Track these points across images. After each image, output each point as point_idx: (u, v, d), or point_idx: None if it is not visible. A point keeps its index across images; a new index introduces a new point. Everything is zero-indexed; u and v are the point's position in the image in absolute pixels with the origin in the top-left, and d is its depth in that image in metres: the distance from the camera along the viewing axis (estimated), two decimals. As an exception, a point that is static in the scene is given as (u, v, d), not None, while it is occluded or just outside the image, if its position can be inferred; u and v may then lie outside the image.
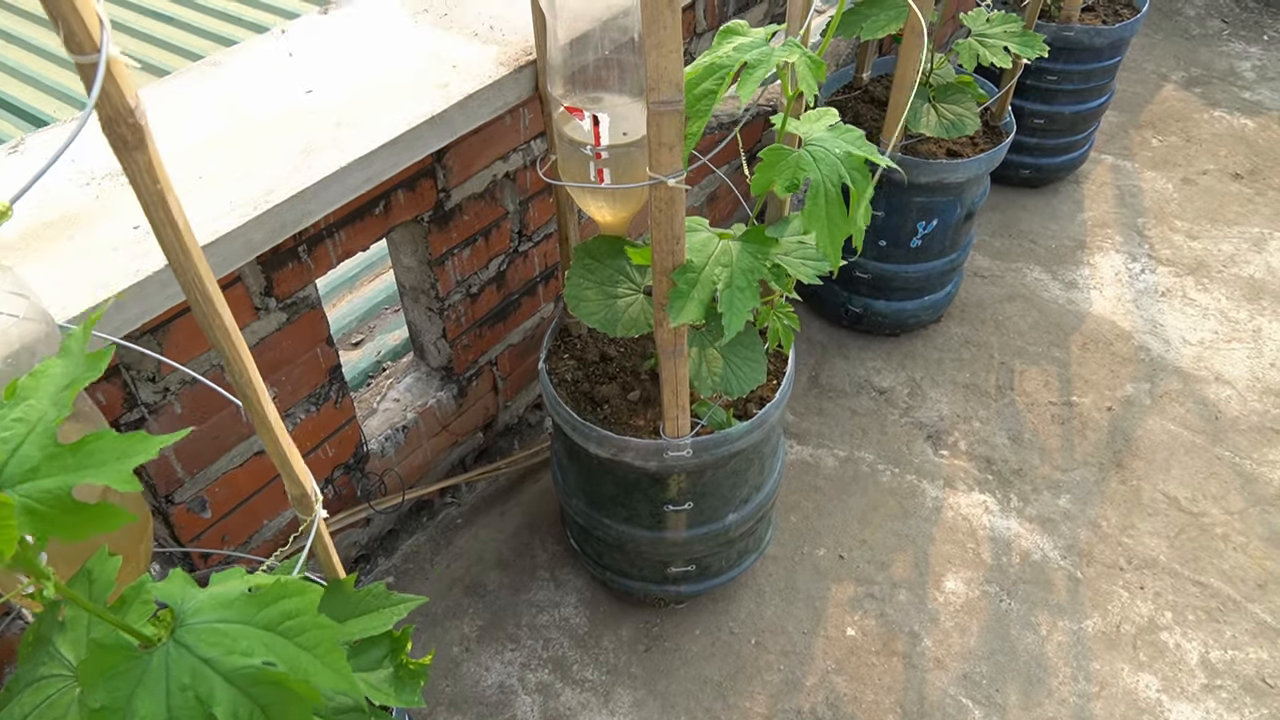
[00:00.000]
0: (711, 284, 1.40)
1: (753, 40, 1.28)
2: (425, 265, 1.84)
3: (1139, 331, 2.75)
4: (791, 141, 1.44)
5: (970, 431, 2.46)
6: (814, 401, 2.53)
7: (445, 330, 1.95)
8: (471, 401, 2.12)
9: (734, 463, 1.73)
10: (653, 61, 1.16)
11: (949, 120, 2.23)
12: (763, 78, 1.22)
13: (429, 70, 1.50)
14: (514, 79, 1.51)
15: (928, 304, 2.59)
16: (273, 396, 1.61)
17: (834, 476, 2.35)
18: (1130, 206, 3.19)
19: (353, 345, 2.32)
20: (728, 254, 1.44)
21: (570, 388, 1.82)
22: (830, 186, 1.38)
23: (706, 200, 2.62)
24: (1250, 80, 3.79)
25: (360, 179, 1.34)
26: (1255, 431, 2.48)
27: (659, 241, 1.35)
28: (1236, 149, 3.45)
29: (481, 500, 2.28)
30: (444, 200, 1.77)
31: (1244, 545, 2.22)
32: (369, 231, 1.65)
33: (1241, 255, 3.01)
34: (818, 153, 1.38)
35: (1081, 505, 2.30)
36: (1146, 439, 2.46)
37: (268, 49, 1.54)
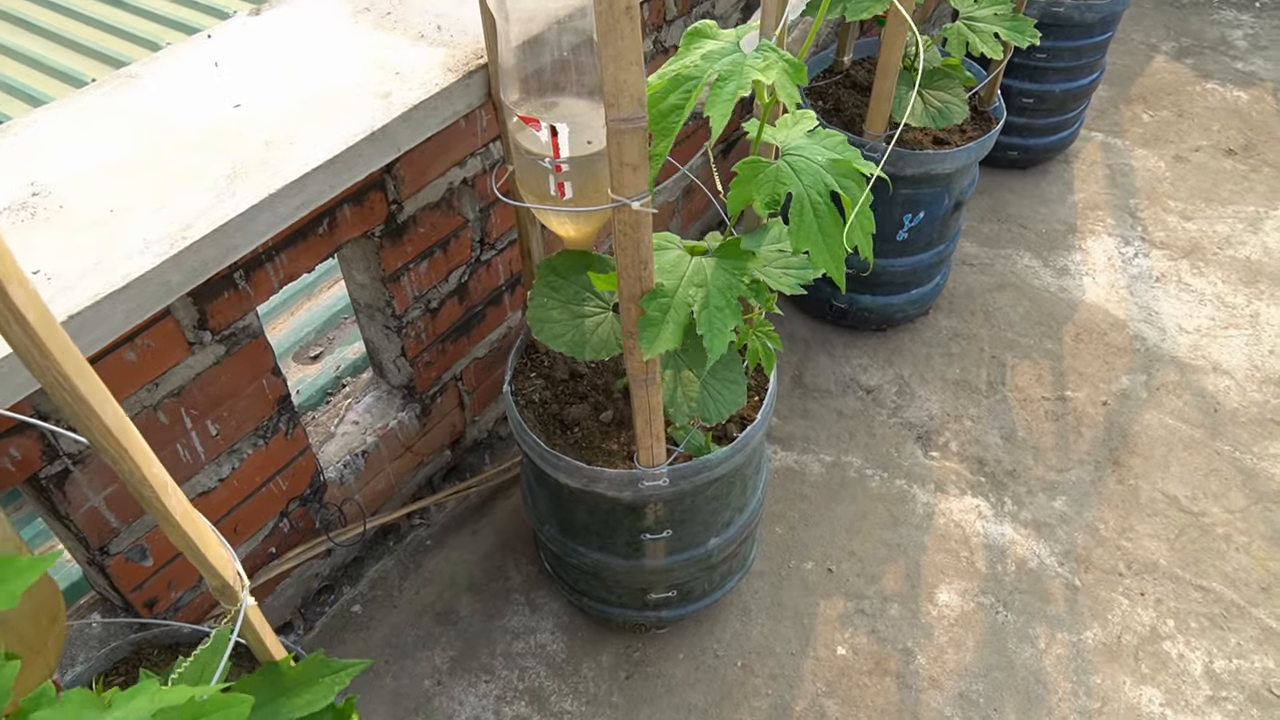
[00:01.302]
0: (687, 307, 1.28)
1: (723, 45, 1.16)
2: (379, 282, 1.71)
3: (1134, 320, 2.65)
4: (768, 152, 1.32)
5: (961, 431, 2.37)
6: (798, 403, 2.42)
7: (404, 349, 1.83)
8: (436, 420, 2.00)
9: (714, 488, 1.63)
10: (610, 75, 1.03)
11: (936, 108, 2.11)
12: (736, 95, 1.10)
13: (370, 78, 1.37)
14: (464, 86, 1.38)
15: (915, 297, 2.48)
16: (214, 434, 1.49)
17: (821, 484, 2.25)
18: (1122, 187, 3.08)
19: (310, 359, 2.19)
20: (701, 273, 1.32)
21: (538, 409, 1.71)
22: (817, 198, 1.26)
23: (682, 194, 2.49)
24: (1243, 50, 3.68)
25: (293, 205, 1.21)
26: (1255, 424, 2.39)
27: (625, 267, 1.23)
28: (1229, 123, 3.34)
29: (452, 520, 2.16)
30: (396, 213, 1.64)
31: (1246, 546, 2.14)
32: (313, 252, 1.52)
33: (1237, 236, 2.91)
34: (798, 163, 1.26)
35: (1078, 507, 2.21)
36: (1144, 435, 2.36)
37: (192, 57, 1.40)
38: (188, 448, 1.48)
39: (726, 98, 1.10)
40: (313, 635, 1.95)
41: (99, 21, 3.24)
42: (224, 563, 0.88)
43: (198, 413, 1.47)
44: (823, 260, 1.26)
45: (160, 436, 1.43)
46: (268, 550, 1.74)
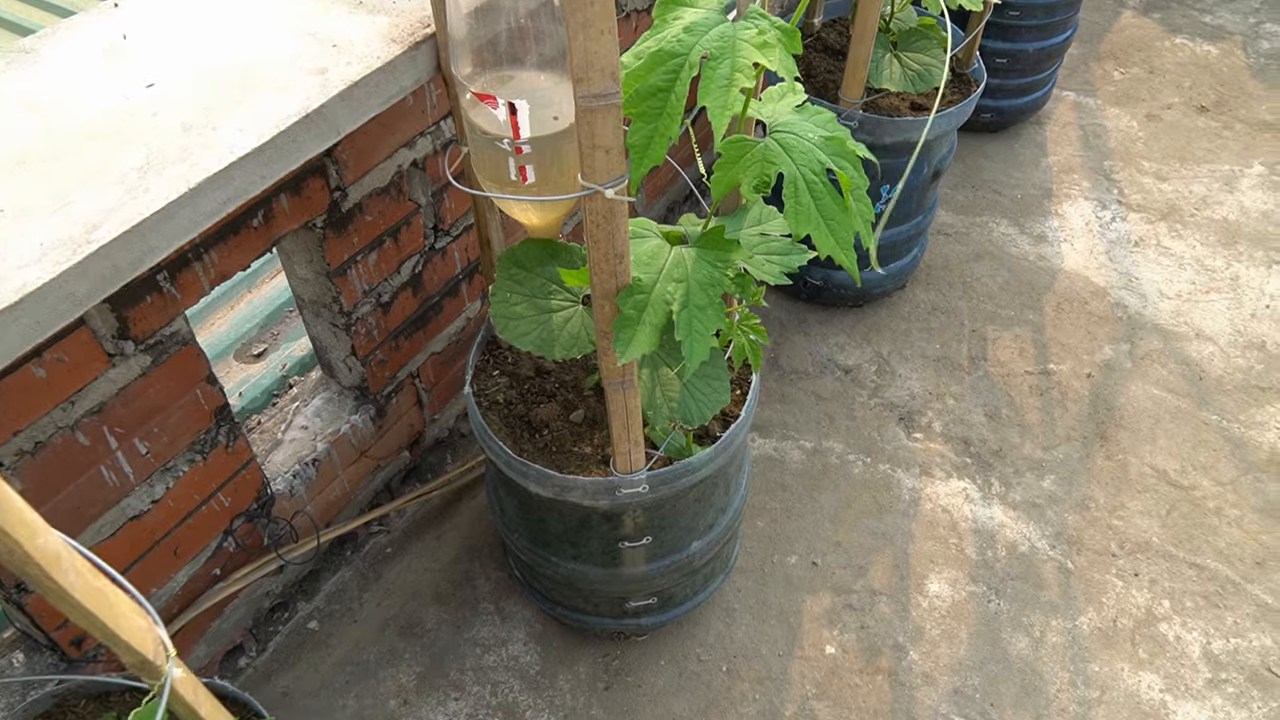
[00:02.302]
0: (665, 304, 1.16)
1: (705, 15, 1.02)
2: (323, 277, 1.56)
3: (1114, 287, 2.57)
4: (751, 129, 1.19)
5: (944, 410, 2.27)
6: (775, 387, 2.31)
7: (354, 347, 1.68)
8: (393, 421, 1.86)
9: (697, 491, 1.51)
10: (579, 45, 0.89)
11: (914, 72, 1.99)
12: (734, 81, 0.96)
13: (304, 51, 1.21)
14: (409, 59, 1.23)
15: (893, 272, 2.38)
16: (144, 452, 1.34)
17: (802, 472, 2.14)
18: (1095, 148, 3.00)
19: (254, 357, 2.03)
20: (681, 265, 1.19)
21: (503, 411, 1.57)
22: (813, 177, 1.13)
23: (647, 168, 2.35)
24: (1210, 3, 3.60)
25: (218, 200, 1.06)
26: (1241, 391, 2.33)
27: (597, 261, 1.10)
28: (1200, 79, 3.26)
29: (413, 525, 2.03)
30: (340, 200, 1.49)
31: (1239, 519, 2.08)
32: (247, 248, 1.37)
33: (1214, 196, 2.84)
34: (788, 141, 1.13)
35: (1067, 486, 2.14)
36: (1130, 407, 2.29)
37: (96, 29, 1.23)
38: (113, 469, 1.33)
39: (722, 83, 0.97)
40: (266, 657, 1.81)
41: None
42: (141, 635, 0.74)
43: (123, 430, 1.31)
44: (828, 245, 1.14)
45: (80, 460, 1.27)
46: (211, 572, 1.59)
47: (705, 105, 0.97)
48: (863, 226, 1.19)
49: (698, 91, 0.98)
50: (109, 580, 0.73)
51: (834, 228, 1.13)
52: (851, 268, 1.15)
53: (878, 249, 2.23)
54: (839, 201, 1.13)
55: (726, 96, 0.96)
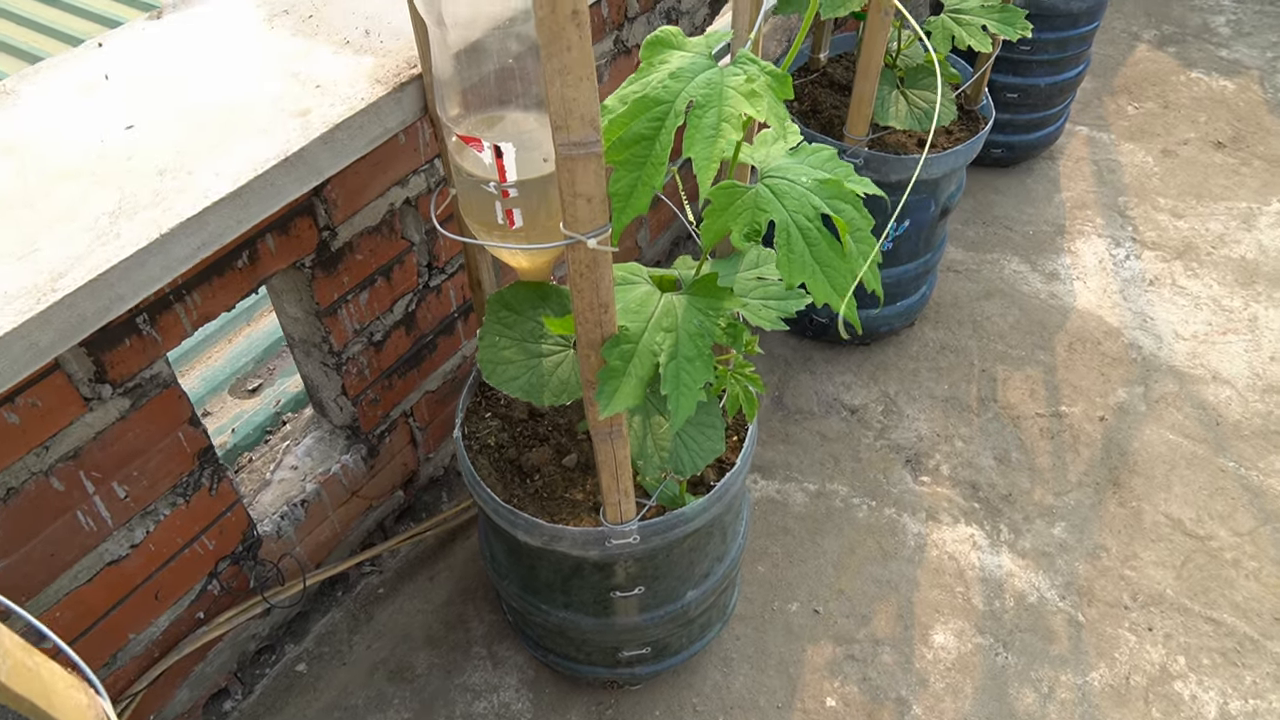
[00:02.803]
0: (652, 355, 1.12)
1: (693, 59, 0.98)
2: (313, 316, 1.53)
3: (1128, 327, 2.51)
4: (744, 174, 1.15)
5: (952, 453, 2.22)
6: (779, 427, 2.26)
7: (345, 387, 1.65)
8: (385, 460, 1.82)
9: (691, 540, 1.46)
10: (556, 92, 0.86)
11: (921, 110, 1.95)
12: (721, 132, 0.93)
13: (286, 93, 1.19)
14: (394, 100, 1.20)
15: (901, 310, 2.33)
16: (123, 496, 1.31)
17: (805, 515, 2.09)
18: (1110, 184, 2.95)
19: (249, 392, 2.00)
20: (671, 314, 1.15)
21: (494, 455, 1.54)
22: (806, 223, 1.09)
23: (650, 203, 2.32)
24: (1226, 36, 3.56)
25: (191, 246, 1.03)
26: (1259, 437, 2.26)
27: (582, 311, 1.06)
28: (1217, 114, 3.21)
29: (407, 565, 1.99)
30: (329, 240, 1.46)
31: (1257, 572, 2.01)
32: (232, 289, 1.34)
33: (1231, 234, 2.78)
34: (779, 186, 1.10)
35: (1078, 534, 2.07)
36: (1144, 452, 2.23)
37: (79, 69, 1.21)
38: (90, 514, 1.30)
39: (708, 133, 0.93)
40: (252, 700, 1.77)
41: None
42: (79, 713, 0.70)
43: (100, 475, 1.28)
44: (824, 293, 1.10)
45: (55, 505, 1.24)
46: (195, 616, 1.56)
47: (690, 156, 0.93)
48: (868, 270, 1.14)
49: (683, 141, 0.95)
50: (46, 653, 0.69)
51: (830, 274, 1.09)
52: (851, 315, 1.11)
53: (885, 286, 2.19)
54: (835, 247, 1.09)
55: (712, 148, 0.93)
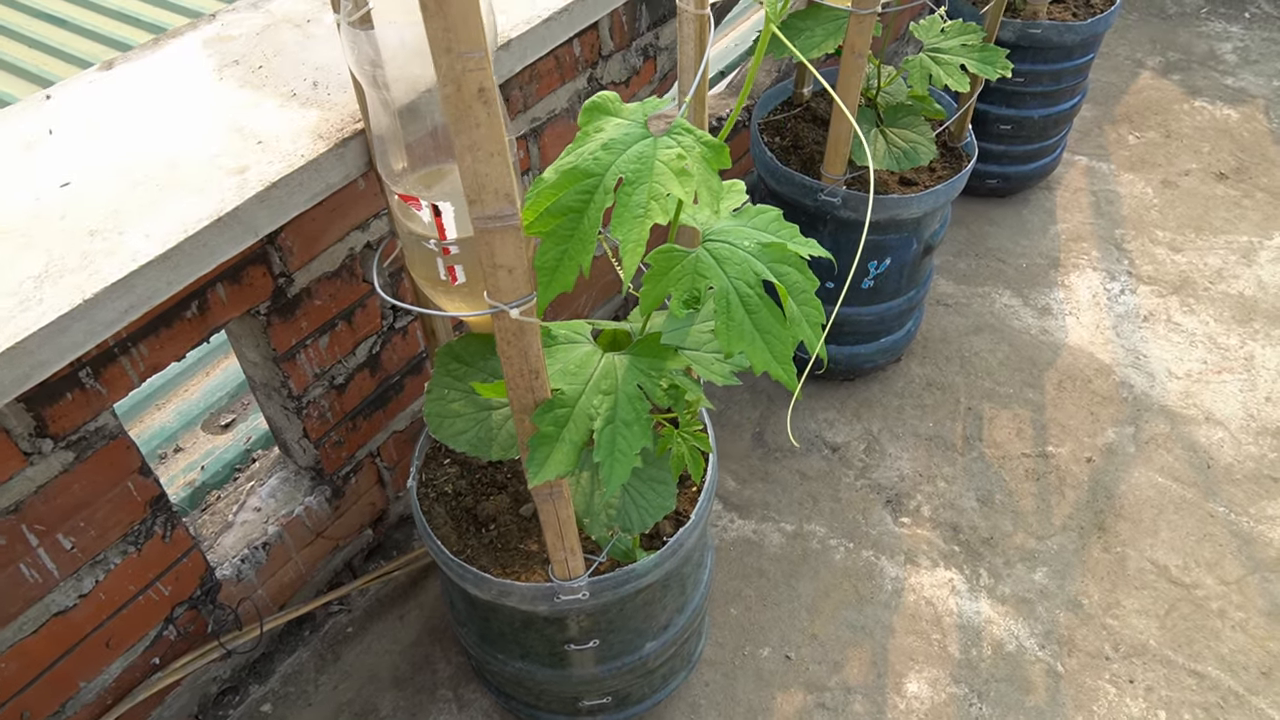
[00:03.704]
0: (588, 420, 1.10)
1: (626, 130, 0.96)
2: (271, 361, 1.52)
3: (1120, 364, 2.47)
4: (687, 237, 1.13)
5: (934, 494, 2.18)
6: (758, 465, 2.23)
7: (306, 430, 1.64)
8: (351, 501, 1.81)
9: (645, 595, 1.44)
10: (469, 168, 0.84)
11: (901, 149, 1.92)
12: (647, 211, 0.90)
13: (226, 149, 1.18)
14: (336, 156, 1.19)
15: (885, 346, 2.30)
16: (70, 547, 1.30)
17: (780, 557, 2.06)
18: (1107, 216, 2.90)
19: (222, 427, 2.00)
20: (611, 375, 1.13)
21: (450, 503, 1.52)
22: (747, 289, 1.07)
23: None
24: (1232, 64, 3.50)
25: (118, 310, 1.02)
26: (1251, 481, 2.21)
27: (511, 377, 1.05)
28: (1220, 144, 3.16)
29: (376, 604, 1.97)
30: (285, 286, 1.45)
31: (1244, 623, 1.96)
32: (182, 339, 1.34)
33: (1230, 269, 2.73)
34: (720, 250, 1.07)
35: (1060, 580, 2.03)
36: (1131, 495, 2.18)
37: (24, 124, 1.21)
38: (34, 566, 1.29)
39: (636, 212, 0.91)
40: (215, 742, 1.76)
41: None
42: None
43: (44, 528, 1.28)
44: (763, 361, 1.07)
45: (-2, 558, 1.24)
46: (150, 661, 1.55)
47: (618, 238, 0.91)
48: (809, 332, 1.12)
49: (611, 219, 0.92)
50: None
51: (770, 341, 1.07)
52: (790, 382, 1.08)
53: (867, 323, 2.17)
54: (776, 313, 1.07)
55: (640, 229, 0.90)
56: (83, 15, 3.25)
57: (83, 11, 3.26)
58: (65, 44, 3.14)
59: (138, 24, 3.19)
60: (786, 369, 1.07)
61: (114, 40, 3.12)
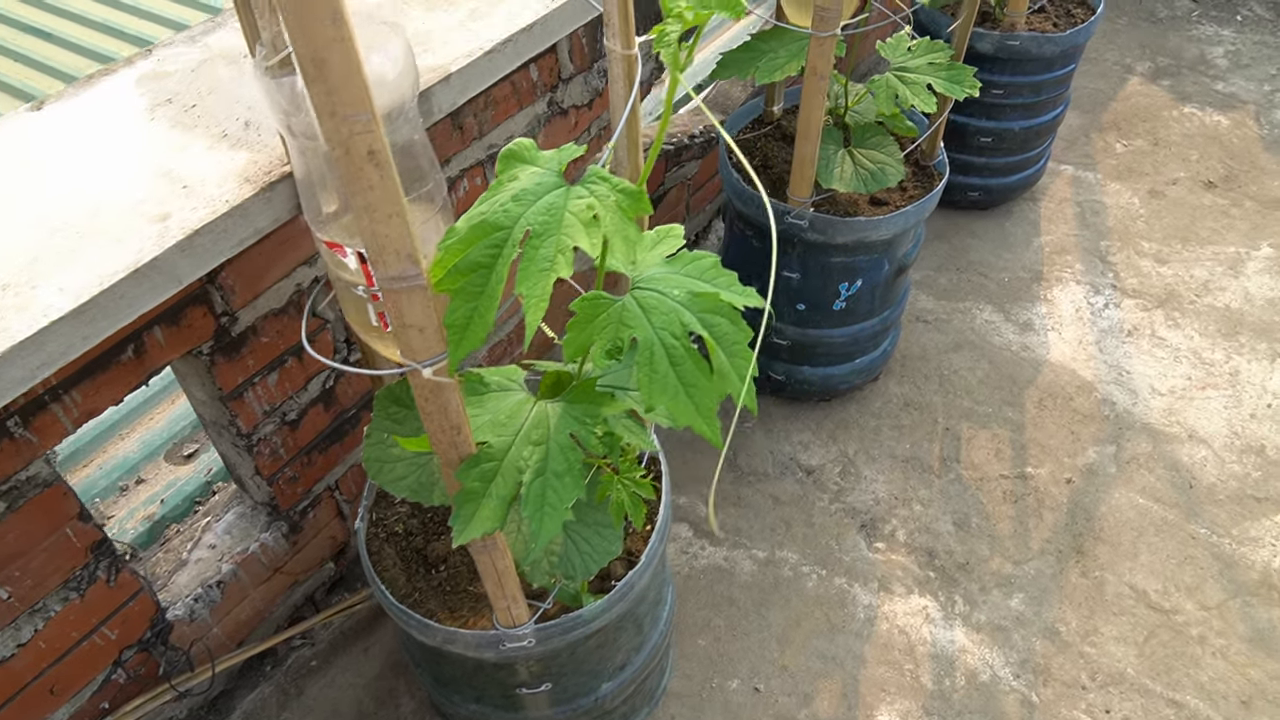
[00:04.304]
0: (518, 473, 1.07)
1: (540, 178, 0.93)
2: (217, 400, 1.50)
3: (1102, 381, 2.42)
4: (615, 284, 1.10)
5: (910, 517, 2.15)
6: (731, 489, 2.20)
7: (258, 467, 1.61)
8: (310, 535, 1.79)
9: (596, 638, 1.41)
10: (367, 229, 0.81)
11: (868, 170, 1.89)
12: (553, 265, 0.87)
13: (150, 194, 1.15)
14: (264, 200, 1.17)
15: (860, 367, 2.27)
16: (5, 597, 1.28)
17: (751, 585, 2.03)
18: (1092, 227, 2.86)
19: (185, 458, 1.98)
20: (543, 424, 1.10)
21: (400, 543, 1.49)
22: (672, 341, 1.03)
23: (601, 259, 2.27)
24: (1223, 69, 3.45)
25: (29, 367, 1.00)
26: (1234, 501, 2.17)
27: (433, 434, 1.02)
28: (1209, 151, 3.11)
29: (340, 637, 1.95)
30: (229, 325, 1.42)
31: (1224, 649, 1.92)
32: (118, 384, 1.31)
33: (1216, 281, 2.68)
34: (648, 300, 1.04)
35: (1037, 606, 1.99)
36: (1111, 517, 2.14)
37: (-54, 169, 1.19)
38: (-31, 618, 1.27)
39: (542, 266, 0.88)
40: (173, 782, 1.74)
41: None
42: None
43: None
44: (688, 417, 1.03)
45: (-72, 612, 1.22)
46: (99, 706, 1.53)
47: (520, 292, 0.88)
48: (737, 385, 1.08)
49: (517, 273, 0.89)
50: None
51: (695, 394, 1.03)
52: (714, 438, 1.05)
53: (840, 344, 2.13)
54: (703, 366, 1.04)
55: (544, 283, 0.87)
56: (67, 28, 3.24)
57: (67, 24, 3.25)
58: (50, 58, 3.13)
59: (123, 37, 3.17)
60: (710, 424, 1.04)
61: (99, 53, 3.10)
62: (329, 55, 0.70)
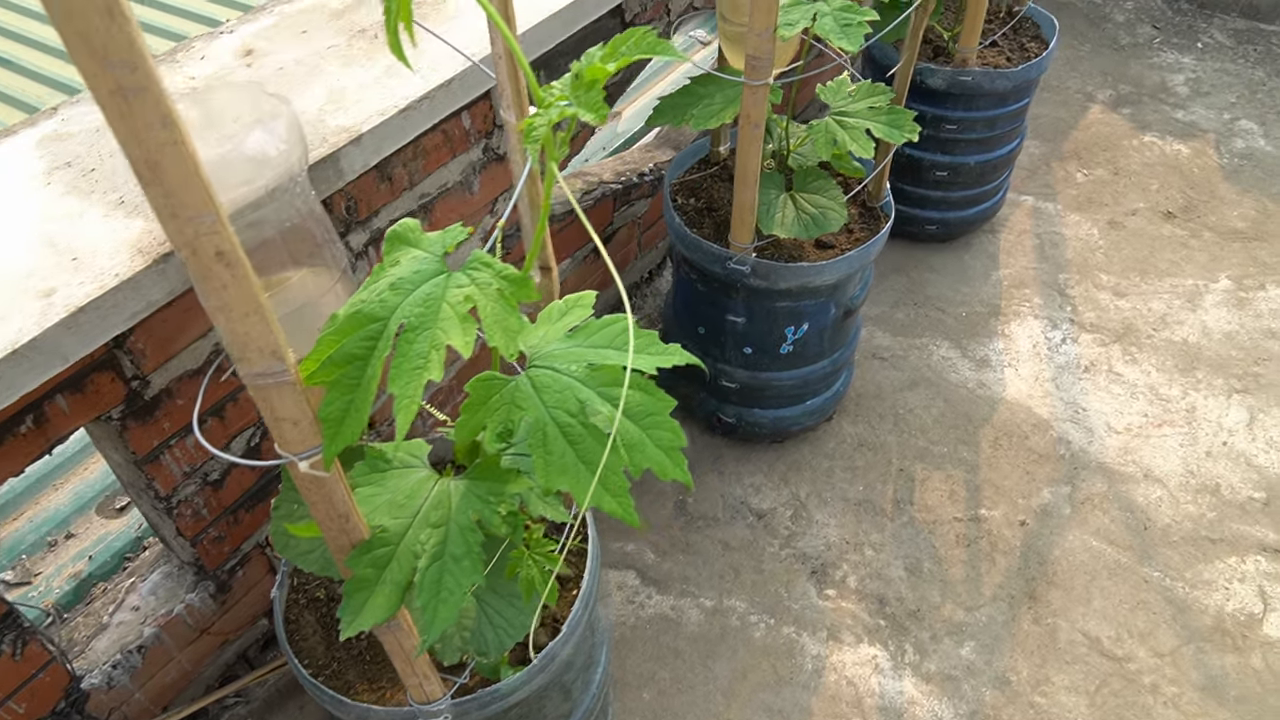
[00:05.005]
0: (414, 557, 1.03)
1: (421, 265, 0.90)
2: (132, 465, 1.46)
3: (1058, 419, 2.40)
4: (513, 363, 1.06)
5: (861, 563, 2.11)
6: (680, 535, 2.16)
7: (179, 529, 1.57)
8: (240, 594, 1.74)
9: (518, 710, 1.37)
10: (224, 327, 0.78)
11: (810, 215, 1.86)
12: (427, 362, 0.84)
13: (39, 268, 1.11)
14: (158, 273, 1.13)
15: (812, 408, 2.24)
16: (-100, 677, 1.23)
17: (698, 635, 1.99)
18: (1051, 260, 2.84)
19: (116, 511, 1.93)
20: (444, 504, 1.07)
21: (321, 609, 1.45)
22: (568, 419, 0.99)
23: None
24: (1183, 96, 3.45)
25: (-104, 456, 0.96)
26: (1188, 543, 2.15)
27: (321, 521, 0.98)
28: (1169, 181, 3.11)
29: (276, 694, 1.90)
30: (141, 389, 1.39)
31: (1176, 698, 1.89)
32: (18, 455, 1.27)
33: (1174, 315, 2.67)
34: (542, 378, 1.01)
35: (988, 655, 1.96)
36: (1065, 560, 2.12)
37: None
38: None
39: (416, 363, 0.84)
40: None
41: None
42: None
43: None
44: (594, 496, 1.00)
45: None
46: (10, 781, 1.48)
47: (392, 391, 0.84)
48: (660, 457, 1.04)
49: (390, 370, 0.86)
50: None
51: (601, 474, 1.00)
52: (627, 516, 1.01)
53: (789, 387, 2.10)
54: (600, 448, 1.00)
55: (417, 383, 0.84)
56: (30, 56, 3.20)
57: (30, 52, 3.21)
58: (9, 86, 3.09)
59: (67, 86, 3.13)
60: (621, 501, 1.00)
61: (61, 83, 3.06)
62: (162, 159, 0.67)
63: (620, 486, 1.01)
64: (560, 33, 1.64)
